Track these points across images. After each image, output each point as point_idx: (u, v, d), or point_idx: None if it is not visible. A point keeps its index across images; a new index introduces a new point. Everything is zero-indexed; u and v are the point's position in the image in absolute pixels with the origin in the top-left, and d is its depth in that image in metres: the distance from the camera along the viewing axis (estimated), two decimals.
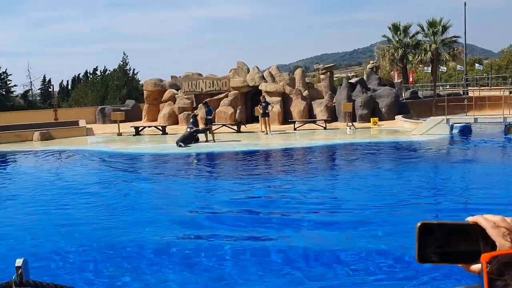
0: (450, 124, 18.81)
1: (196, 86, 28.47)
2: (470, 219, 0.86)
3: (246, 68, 28.25)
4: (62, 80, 57.66)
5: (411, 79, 41.33)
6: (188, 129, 19.10)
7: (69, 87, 55.29)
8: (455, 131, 18.98)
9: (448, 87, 49.41)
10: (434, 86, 25.52)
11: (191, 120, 19.57)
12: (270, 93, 25.83)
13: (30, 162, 16.84)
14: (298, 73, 27.72)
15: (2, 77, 46.64)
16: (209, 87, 28.15)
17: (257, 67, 28.21)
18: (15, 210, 9.33)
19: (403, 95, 31.82)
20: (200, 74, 29.58)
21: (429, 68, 41.75)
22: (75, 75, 56.28)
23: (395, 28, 41.17)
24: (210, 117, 19.85)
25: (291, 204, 8.70)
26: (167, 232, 7.25)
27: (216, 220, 7.84)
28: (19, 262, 2.17)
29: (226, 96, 27.19)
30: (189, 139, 18.60)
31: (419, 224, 0.85)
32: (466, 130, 18.96)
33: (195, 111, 20.49)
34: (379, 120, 23.48)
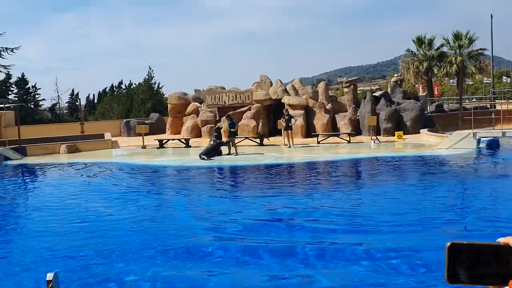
0: (477, 138, 18.43)
1: (219, 99, 28.68)
2: (501, 240, 0.83)
3: (269, 81, 28.36)
4: (89, 94, 58.83)
5: (436, 92, 40.77)
6: (211, 142, 19.21)
7: (96, 100, 56.33)
8: (482, 145, 18.58)
9: (474, 100, 48.53)
10: (460, 99, 25.11)
11: (214, 133, 19.67)
12: (293, 106, 25.83)
13: (54, 174, 17.11)
14: (321, 86, 27.67)
15: (30, 91, 47.84)
16: (232, 100, 28.33)
17: (280, 80, 28.29)
18: (42, 222, 9.50)
19: (428, 108, 31.40)
20: (223, 88, 29.82)
21: (455, 81, 41.15)
22: (101, 89, 57.38)
23: (419, 41, 40.77)
24: (233, 130, 19.94)
25: (317, 226, 8.32)
26: (173, 261, 6.84)
27: (234, 245, 7.41)
28: (49, 276, 2.18)
29: (249, 109, 27.30)
30: (212, 152, 18.68)
31: (448, 243, 0.83)
32: (493, 144, 18.53)
33: (218, 124, 20.58)
34: (404, 133, 23.19)
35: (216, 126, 20.46)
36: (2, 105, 28.20)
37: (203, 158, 18.13)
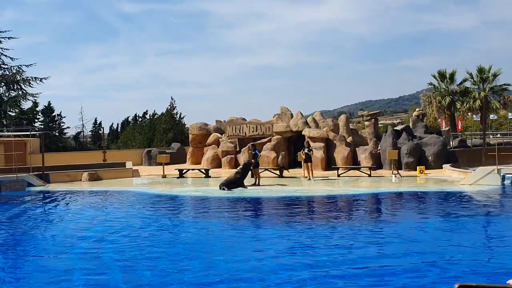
0: (502, 174, 18.03)
1: (240, 130, 28.88)
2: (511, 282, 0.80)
3: (290, 114, 28.49)
4: (113, 123, 59.88)
5: (459, 127, 40.30)
6: (234, 174, 19.14)
7: (119, 129, 57.25)
8: (507, 182, 18.16)
9: (499, 135, 47.79)
10: (484, 135, 24.64)
11: (241, 167, 19.57)
12: (314, 139, 25.79)
13: (73, 202, 17.25)
14: (342, 119, 27.65)
15: (56, 119, 48.95)
16: (253, 131, 28.50)
17: (301, 113, 28.40)
18: (59, 247, 9.56)
19: (451, 143, 30.98)
20: (244, 119, 30.04)
21: (478, 116, 40.68)
22: (125, 118, 58.38)
23: (441, 75, 40.62)
24: (256, 161, 19.97)
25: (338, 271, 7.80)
26: None
27: None
28: None
29: (269, 140, 27.37)
30: (233, 184, 18.60)
31: (456, 286, 0.81)
32: None
33: (250, 160, 20.24)
34: (426, 168, 22.86)
35: (248, 161, 20.18)
36: (28, 133, 28.88)
37: (223, 189, 18.13)
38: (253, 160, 19.87)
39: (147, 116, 53.36)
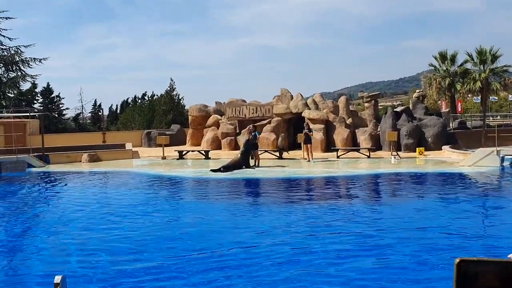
0: (501, 156, 18.06)
1: (239, 112, 28.81)
2: None
3: (290, 95, 28.39)
4: (112, 104, 59.71)
5: (459, 109, 40.22)
6: (239, 155, 19.11)
7: (118, 111, 57.11)
8: (506, 163, 18.22)
9: (498, 117, 47.79)
10: (484, 116, 24.63)
11: (243, 147, 19.52)
12: (314, 120, 25.76)
13: (73, 182, 17.33)
14: (342, 100, 27.57)
15: (55, 100, 48.82)
16: (253, 113, 28.43)
17: (301, 94, 28.30)
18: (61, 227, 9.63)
19: (451, 125, 30.96)
20: (244, 101, 29.95)
21: (479, 98, 40.57)
22: (124, 100, 58.20)
23: (441, 56, 40.36)
24: (256, 142, 19.98)
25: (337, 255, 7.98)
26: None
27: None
28: (57, 279, 2.21)
29: (269, 122, 27.33)
30: (233, 166, 18.56)
31: (457, 260, 0.81)
32: None
33: (250, 136, 20.13)
34: (425, 150, 22.87)
35: (246, 139, 20.13)
36: (28, 114, 28.82)
37: (221, 170, 18.11)
38: (251, 136, 19.87)
39: (146, 98, 53.20)
